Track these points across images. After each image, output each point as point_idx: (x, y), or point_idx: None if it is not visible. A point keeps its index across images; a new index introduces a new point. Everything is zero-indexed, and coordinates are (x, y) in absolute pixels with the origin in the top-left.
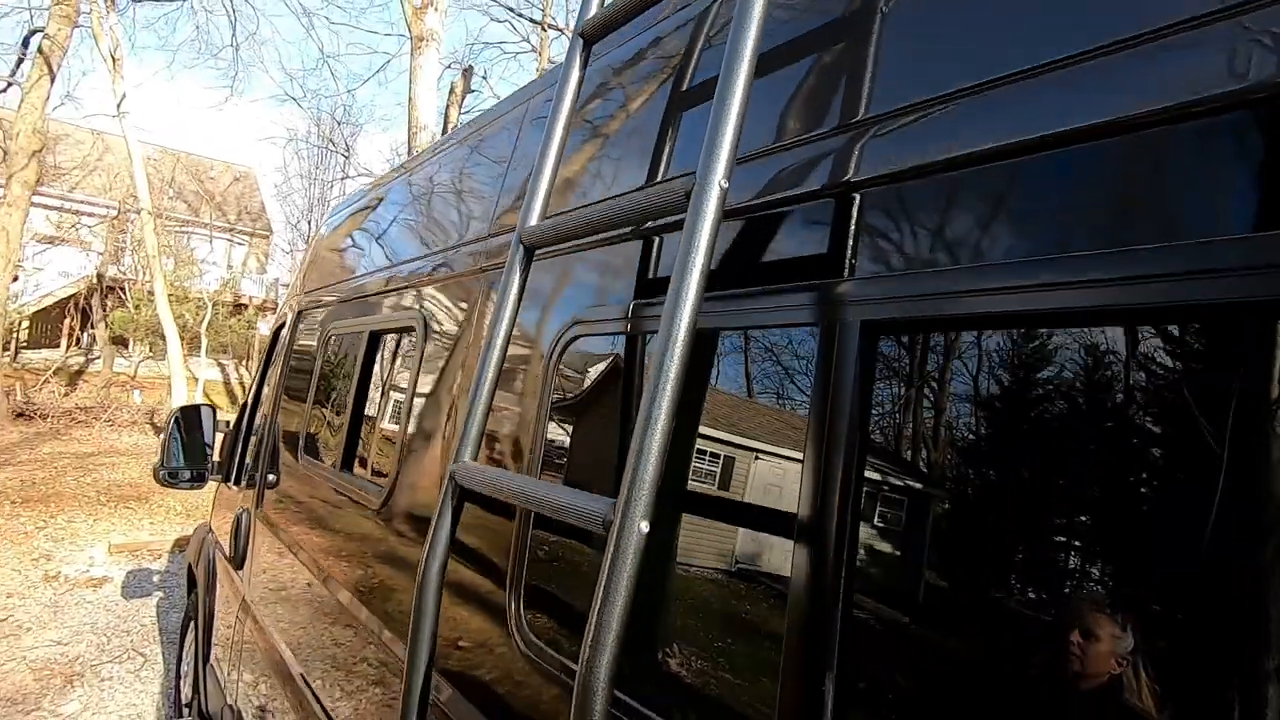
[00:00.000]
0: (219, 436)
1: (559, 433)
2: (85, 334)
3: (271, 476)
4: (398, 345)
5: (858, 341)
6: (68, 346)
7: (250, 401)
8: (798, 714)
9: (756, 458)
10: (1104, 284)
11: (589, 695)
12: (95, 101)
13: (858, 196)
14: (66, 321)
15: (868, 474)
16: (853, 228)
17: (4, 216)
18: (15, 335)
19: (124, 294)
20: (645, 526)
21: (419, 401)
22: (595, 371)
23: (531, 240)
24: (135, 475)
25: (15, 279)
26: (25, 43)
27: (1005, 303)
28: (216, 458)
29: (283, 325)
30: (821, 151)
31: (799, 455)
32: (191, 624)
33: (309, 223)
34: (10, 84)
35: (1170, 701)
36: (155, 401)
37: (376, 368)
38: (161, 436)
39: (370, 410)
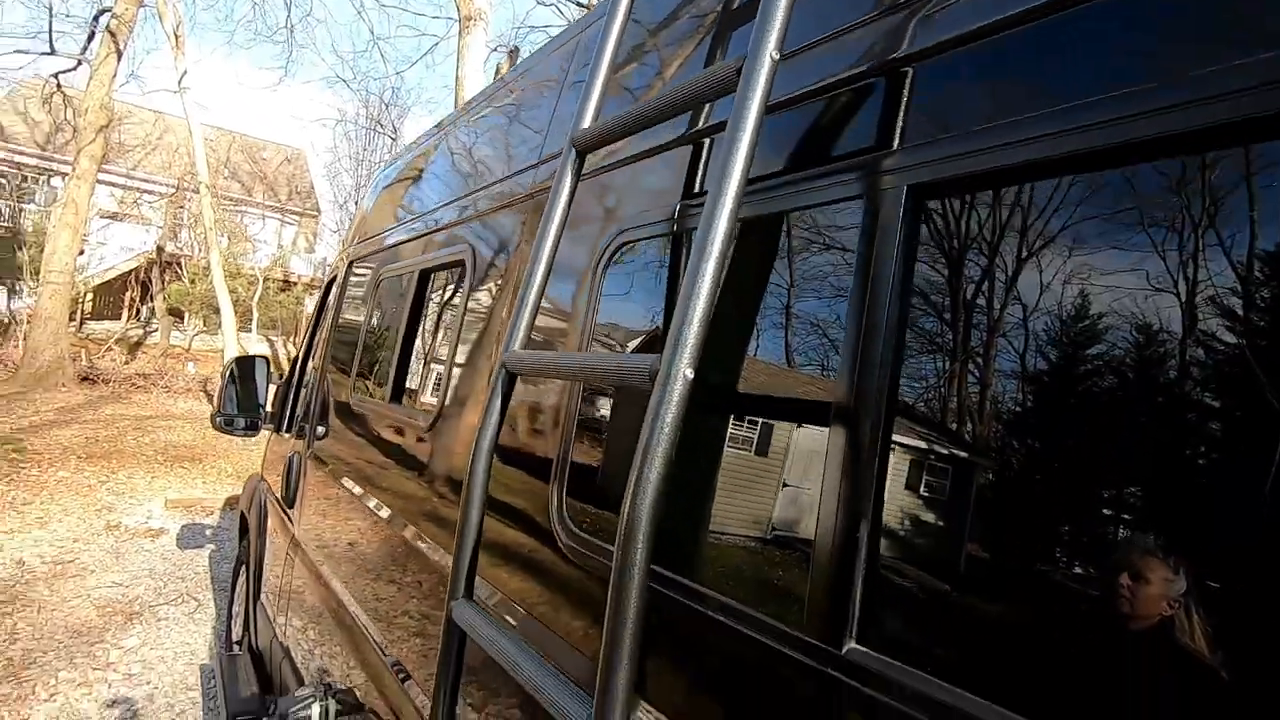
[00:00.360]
0: (271, 389)
1: (606, 333)
2: (144, 307)
3: (323, 417)
4: (447, 280)
5: (906, 206)
6: (128, 318)
7: (302, 355)
8: (829, 609)
9: (796, 330)
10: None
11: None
12: (157, 79)
13: (906, 71)
14: (127, 294)
15: (908, 341)
16: (901, 102)
17: (73, 189)
18: (81, 306)
19: (180, 269)
20: (690, 373)
21: (467, 328)
22: (642, 274)
23: (583, 143)
24: (190, 438)
25: (81, 252)
26: (95, 20)
27: (1058, 146)
28: (269, 408)
29: (334, 280)
30: (867, 33)
31: (840, 327)
32: (243, 568)
33: (356, 204)
34: (80, 61)
35: (1221, 644)
36: (208, 372)
37: (426, 304)
38: (218, 385)
39: (419, 344)
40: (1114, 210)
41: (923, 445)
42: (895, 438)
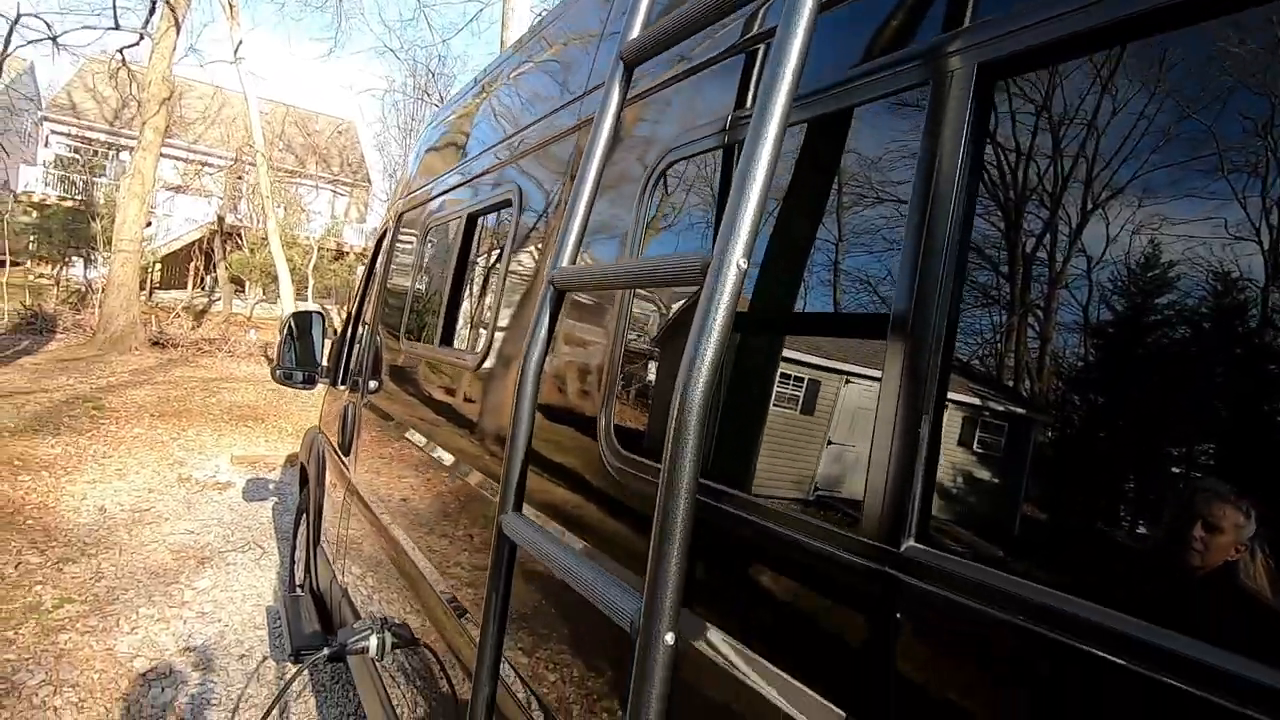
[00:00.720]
0: (327, 343)
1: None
2: (208, 276)
3: (375, 366)
4: (495, 221)
5: (973, 85)
6: (193, 287)
7: (354, 312)
8: (888, 509)
9: (851, 228)
10: None
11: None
12: (214, 52)
13: None
14: (192, 264)
15: (972, 237)
16: None
17: (139, 160)
18: (150, 276)
19: (240, 239)
20: (744, 263)
21: (515, 267)
22: (691, 194)
23: (631, 54)
24: (252, 399)
25: (149, 223)
26: None
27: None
28: (325, 362)
29: (383, 236)
30: None
31: (900, 223)
32: (304, 516)
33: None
34: (142, 36)
35: None
36: (268, 339)
37: (474, 247)
38: (278, 338)
39: (468, 287)
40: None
41: (985, 343)
42: (957, 336)
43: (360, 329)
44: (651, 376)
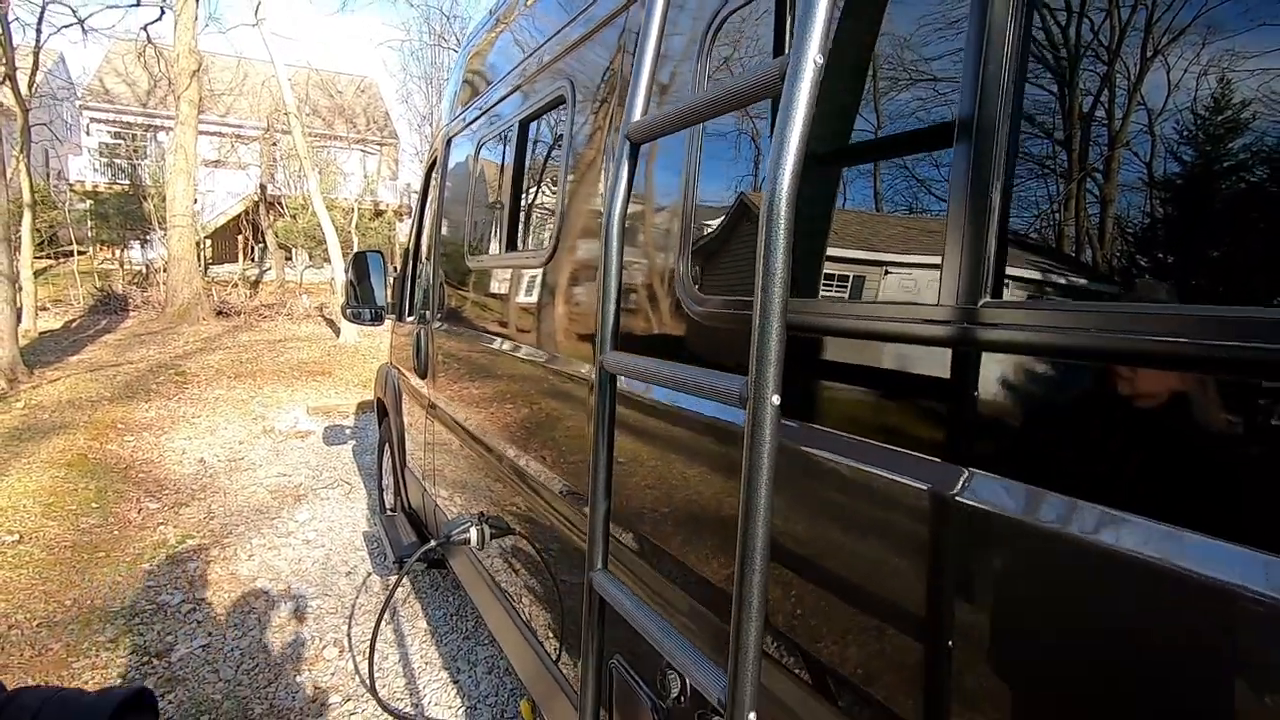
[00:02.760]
0: (388, 281)
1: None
2: (256, 246)
3: (442, 286)
4: (548, 121)
5: None
6: (244, 259)
7: (412, 247)
8: (965, 269)
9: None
10: None
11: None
12: (233, 17)
13: None
14: (240, 237)
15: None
16: None
17: (180, 135)
18: (202, 252)
19: (282, 207)
20: (820, 59)
21: (575, 160)
22: (751, 44)
23: None
24: (316, 355)
25: (195, 200)
26: None
27: None
28: (389, 299)
29: (433, 163)
30: None
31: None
32: (386, 446)
33: (430, 124)
34: (164, 9)
35: None
36: (320, 301)
37: (530, 151)
38: (344, 279)
39: (529, 191)
40: None
41: (1058, 109)
42: (1025, 106)
43: (420, 263)
44: (725, 219)
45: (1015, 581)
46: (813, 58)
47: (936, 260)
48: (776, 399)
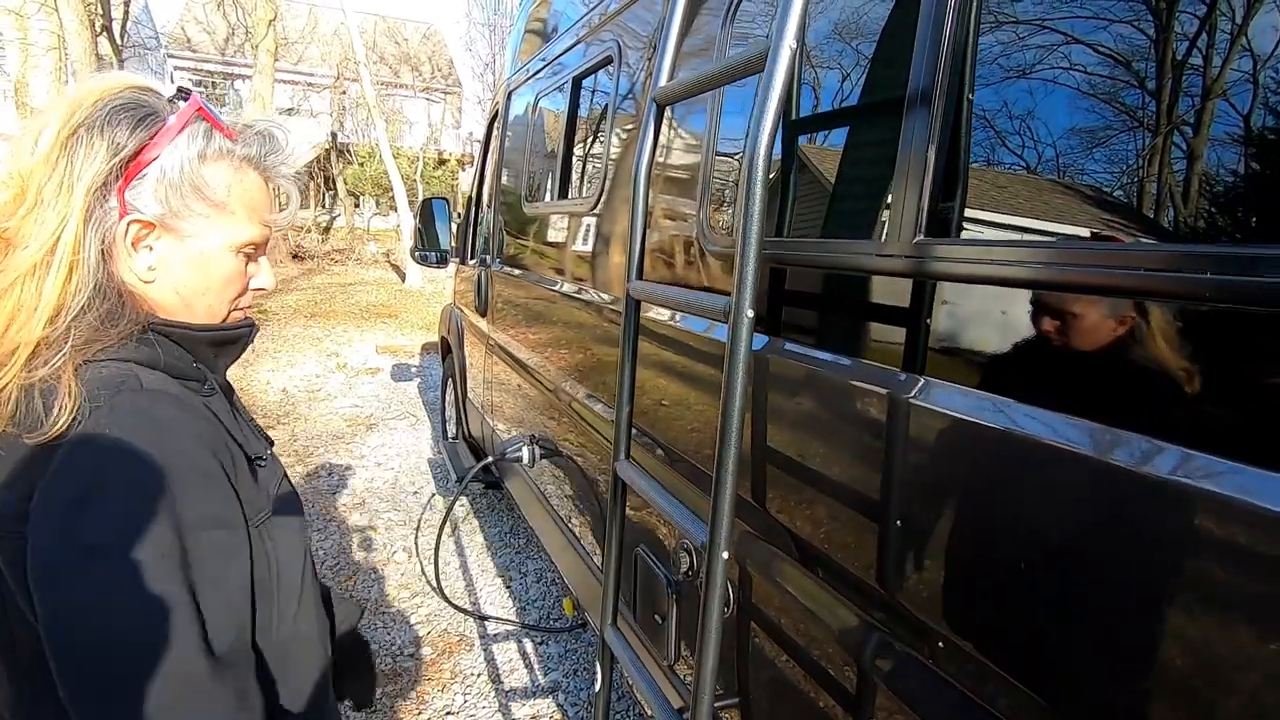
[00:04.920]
0: (452, 227)
1: None
2: (328, 194)
3: (502, 232)
4: (600, 78)
5: None
6: (315, 205)
7: (474, 195)
8: (903, 208)
9: None
10: None
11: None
12: None
13: None
14: (312, 184)
15: None
16: None
17: (258, 84)
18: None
19: (350, 154)
20: (794, 44)
21: (621, 114)
22: (766, 21)
23: None
24: (385, 299)
25: None
26: None
27: None
28: (452, 243)
29: (495, 115)
30: None
31: None
32: (449, 380)
33: (493, 73)
34: None
35: None
36: (388, 247)
37: (582, 106)
38: (413, 224)
39: (580, 143)
40: None
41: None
42: (951, 84)
43: (482, 209)
44: (737, 172)
45: (957, 465)
46: (789, 43)
47: (886, 204)
48: (751, 313)
